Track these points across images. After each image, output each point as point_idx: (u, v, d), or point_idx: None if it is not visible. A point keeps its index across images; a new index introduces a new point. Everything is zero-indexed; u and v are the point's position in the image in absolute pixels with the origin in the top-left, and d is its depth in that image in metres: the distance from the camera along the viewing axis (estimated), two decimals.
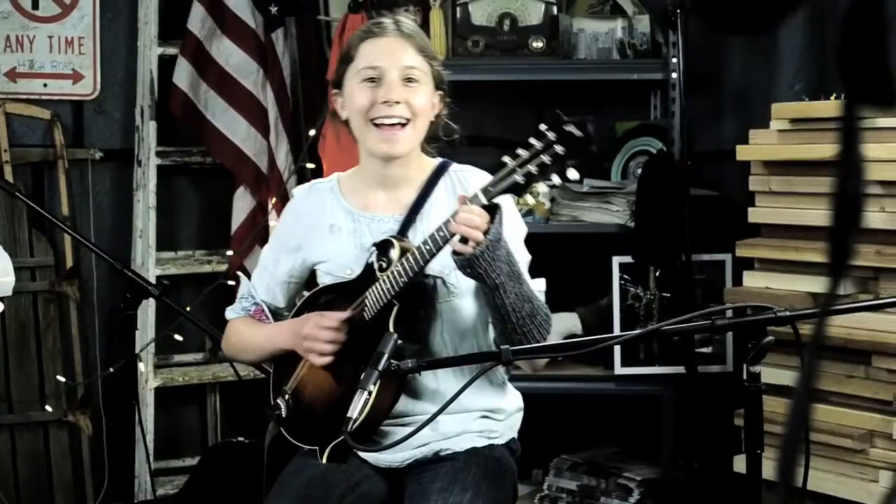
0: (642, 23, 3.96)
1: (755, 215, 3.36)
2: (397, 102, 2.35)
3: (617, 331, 3.69)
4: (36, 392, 4.02)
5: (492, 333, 2.46)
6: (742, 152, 3.36)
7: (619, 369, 3.77)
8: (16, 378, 4.00)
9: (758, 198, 3.35)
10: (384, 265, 2.31)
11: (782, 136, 3.28)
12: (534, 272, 2.39)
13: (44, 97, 4.14)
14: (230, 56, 4.15)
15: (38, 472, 4.03)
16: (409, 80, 2.38)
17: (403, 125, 2.37)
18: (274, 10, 4.15)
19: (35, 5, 4.11)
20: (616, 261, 3.77)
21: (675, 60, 3.72)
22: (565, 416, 4.01)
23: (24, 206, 3.92)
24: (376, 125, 2.37)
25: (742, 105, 4.04)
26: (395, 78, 2.37)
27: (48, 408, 4.01)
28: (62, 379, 4.02)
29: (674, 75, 3.74)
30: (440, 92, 2.44)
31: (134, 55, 4.17)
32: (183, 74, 4.13)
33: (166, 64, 4.14)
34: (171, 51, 4.15)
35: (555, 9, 3.93)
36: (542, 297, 2.35)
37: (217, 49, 4.15)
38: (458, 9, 3.93)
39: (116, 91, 4.23)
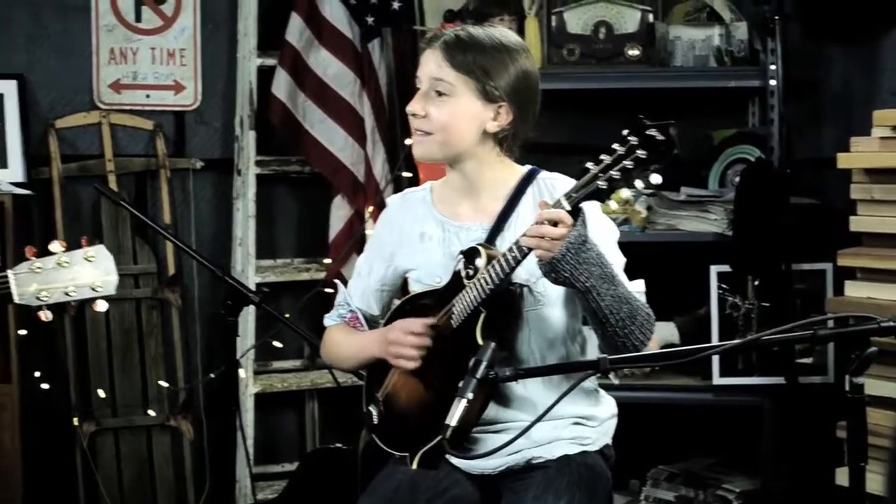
0: (740, 30, 3.92)
1: (857, 224, 3.31)
2: (413, 115, 2.40)
3: (715, 340, 3.65)
4: (139, 397, 4.11)
5: (580, 342, 2.46)
6: (843, 160, 3.32)
7: (717, 379, 3.74)
8: (120, 383, 4.09)
9: (859, 206, 3.30)
10: (471, 273, 2.31)
11: (884, 144, 3.22)
12: (631, 279, 2.38)
13: (146, 108, 4.23)
14: (328, 66, 4.20)
15: (141, 475, 4.12)
16: (438, 93, 2.39)
17: (426, 134, 2.40)
18: (370, 20, 4.20)
19: (138, 17, 4.21)
20: (714, 270, 3.73)
21: (773, 67, 3.67)
22: (663, 426, 3.99)
23: (128, 215, 4.01)
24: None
25: (842, 112, 3.97)
26: (422, 90, 2.40)
27: (151, 412, 4.10)
28: (164, 384, 4.10)
29: (772, 82, 3.69)
30: (497, 104, 2.38)
31: (233, 66, 4.25)
32: (281, 84, 4.19)
33: (265, 74, 4.20)
34: (270, 61, 4.21)
35: (651, 16, 3.91)
36: (642, 298, 2.34)
37: (315, 59, 4.20)
38: (553, 17, 3.93)
39: (216, 101, 4.31)
